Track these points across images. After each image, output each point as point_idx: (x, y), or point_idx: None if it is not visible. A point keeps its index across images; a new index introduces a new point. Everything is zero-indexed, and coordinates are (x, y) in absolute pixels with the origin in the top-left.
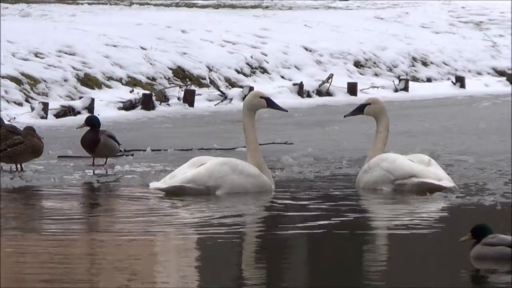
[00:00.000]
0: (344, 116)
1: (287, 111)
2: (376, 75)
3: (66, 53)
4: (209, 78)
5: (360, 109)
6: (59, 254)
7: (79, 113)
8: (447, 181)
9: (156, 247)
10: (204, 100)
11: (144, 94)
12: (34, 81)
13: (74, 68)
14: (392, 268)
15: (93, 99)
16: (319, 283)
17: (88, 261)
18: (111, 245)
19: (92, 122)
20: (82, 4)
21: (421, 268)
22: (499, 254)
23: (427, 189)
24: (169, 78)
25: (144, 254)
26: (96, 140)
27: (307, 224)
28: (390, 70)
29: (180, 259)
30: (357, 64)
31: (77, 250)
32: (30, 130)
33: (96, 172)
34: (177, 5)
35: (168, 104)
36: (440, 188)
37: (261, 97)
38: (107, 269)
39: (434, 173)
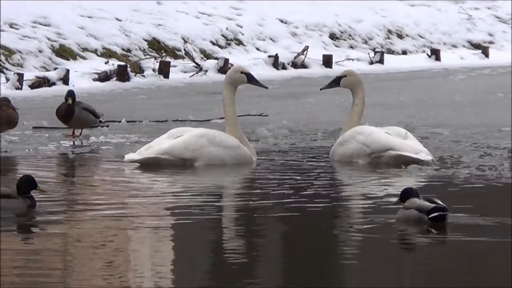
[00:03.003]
0: (321, 89)
1: (267, 87)
2: (351, 47)
3: (41, 24)
4: (184, 49)
5: (336, 82)
6: (32, 233)
7: (54, 84)
8: (424, 154)
9: (130, 223)
10: (179, 72)
11: (119, 66)
12: (9, 52)
13: (49, 39)
14: (366, 242)
15: (68, 70)
16: (295, 259)
17: (62, 242)
18: (85, 222)
19: (75, 96)
20: None
21: (392, 242)
22: (409, 216)
23: (404, 162)
24: (144, 49)
25: (119, 230)
26: (70, 111)
27: (282, 199)
28: (366, 42)
29: (154, 239)
30: (332, 36)
31: (51, 230)
32: (5, 101)
33: (71, 143)
34: None
35: (143, 76)
36: (417, 161)
37: (242, 72)
38: (81, 249)
39: (412, 146)
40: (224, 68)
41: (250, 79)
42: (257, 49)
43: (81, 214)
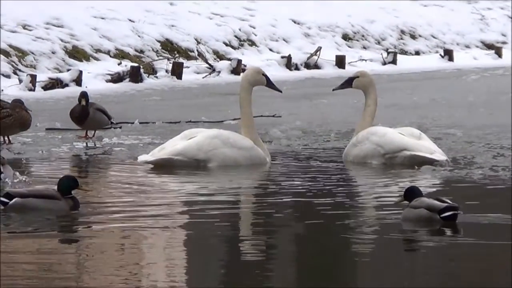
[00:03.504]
0: (333, 90)
1: (281, 91)
2: (364, 48)
3: (54, 25)
4: (197, 50)
5: (348, 83)
6: (46, 237)
7: (67, 85)
8: (439, 154)
9: (145, 229)
10: (192, 73)
11: (132, 67)
12: (22, 53)
13: (62, 40)
14: (379, 244)
15: (81, 72)
16: (307, 261)
17: (75, 249)
18: (99, 227)
19: (88, 97)
20: None
21: (405, 243)
22: (418, 216)
23: (419, 163)
24: (157, 50)
25: (132, 236)
26: (85, 112)
27: (295, 200)
28: (379, 43)
29: (169, 244)
30: (345, 37)
31: (64, 235)
32: (18, 102)
33: (84, 144)
34: None
35: (156, 77)
36: (432, 161)
37: (262, 74)
38: (95, 252)
39: (426, 146)
40: (237, 69)
41: (268, 82)
42: (270, 49)
43: (95, 220)
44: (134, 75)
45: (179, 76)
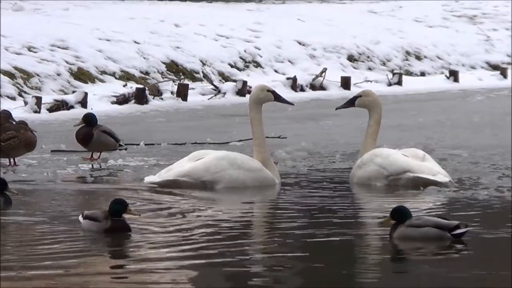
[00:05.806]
0: (336, 109)
1: (293, 104)
2: (369, 69)
3: (59, 47)
4: (203, 72)
5: (352, 102)
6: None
7: (72, 107)
8: (442, 176)
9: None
10: (198, 94)
11: (137, 88)
12: (27, 75)
13: (67, 62)
14: (385, 266)
15: (86, 93)
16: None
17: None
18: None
19: (89, 119)
20: None
21: (413, 263)
22: (426, 234)
23: (422, 184)
24: (162, 72)
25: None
26: (89, 134)
27: (300, 222)
28: (384, 64)
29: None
30: (351, 58)
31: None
32: (22, 123)
33: (89, 166)
34: None
35: (162, 98)
36: (435, 183)
37: (268, 91)
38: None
39: (429, 168)
40: (242, 90)
41: (277, 97)
42: (275, 71)
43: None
44: (140, 97)
45: (185, 98)
